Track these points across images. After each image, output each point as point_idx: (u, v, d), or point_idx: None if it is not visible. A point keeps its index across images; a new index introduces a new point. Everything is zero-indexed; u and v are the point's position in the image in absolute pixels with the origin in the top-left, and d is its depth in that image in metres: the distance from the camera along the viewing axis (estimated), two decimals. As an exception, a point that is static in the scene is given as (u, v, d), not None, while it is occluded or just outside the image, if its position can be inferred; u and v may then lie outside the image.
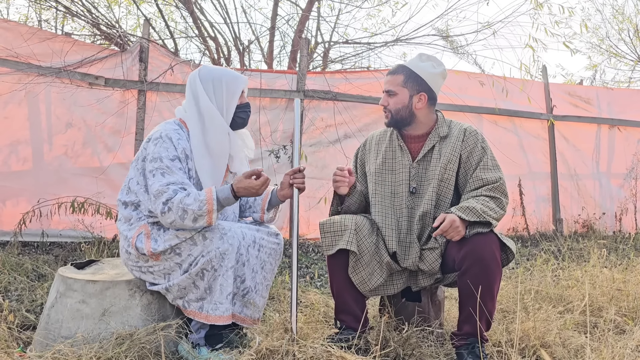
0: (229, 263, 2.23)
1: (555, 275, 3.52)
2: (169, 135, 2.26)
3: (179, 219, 2.16)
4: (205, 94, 2.34)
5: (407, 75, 2.50)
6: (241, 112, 2.42)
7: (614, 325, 2.63)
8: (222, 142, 2.35)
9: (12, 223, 4.28)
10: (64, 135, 4.60)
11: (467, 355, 2.23)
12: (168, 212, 2.15)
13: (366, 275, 2.40)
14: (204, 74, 2.37)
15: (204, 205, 2.15)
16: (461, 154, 2.47)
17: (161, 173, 2.20)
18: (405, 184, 2.51)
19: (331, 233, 2.41)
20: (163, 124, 2.35)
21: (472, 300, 2.22)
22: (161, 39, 6.37)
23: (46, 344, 2.26)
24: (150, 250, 2.25)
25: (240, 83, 2.39)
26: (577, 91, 6.65)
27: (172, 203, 2.14)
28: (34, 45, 4.36)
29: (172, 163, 2.22)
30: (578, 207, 6.36)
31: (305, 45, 5.26)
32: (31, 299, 3.07)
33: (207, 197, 2.17)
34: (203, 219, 2.17)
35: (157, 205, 2.17)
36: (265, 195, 2.56)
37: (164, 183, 2.18)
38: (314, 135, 5.29)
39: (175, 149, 2.25)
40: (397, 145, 2.57)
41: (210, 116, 2.33)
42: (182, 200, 2.14)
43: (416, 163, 2.52)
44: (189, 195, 2.16)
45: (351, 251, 2.37)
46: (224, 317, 2.23)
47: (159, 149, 2.23)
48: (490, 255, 2.23)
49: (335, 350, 2.03)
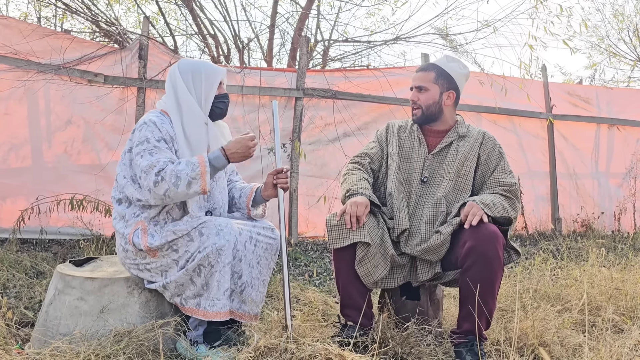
0: (226, 259, 2.23)
1: (554, 274, 3.52)
2: (152, 120, 2.31)
3: (172, 186, 2.17)
4: (184, 85, 2.38)
5: (438, 73, 2.61)
6: (219, 102, 2.45)
7: (612, 325, 2.63)
8: (200, 133, 2.38)
9: (11, 220, 4.28)
10: (63, 132, 4.59)
11: (465, 354, 2.24)
12: (161, 181, 2.18)
13: (371, 267, 2.41)
14: (183, 66, 2.42)
15: (197, 167, 2.19)
16: (479, 154, 2.60)
17: (149, 153, 2.24)
18: (418, 172, 2.62)
19: (338, 227, 2.41)
20: (146, 114, 2.39)
21: (473, 297, 2.22)
22: (161, 37, 6.36)
23: (44, 341, 2.26)
24: (147, 245, 2.25)
25: (219, 74, 2.43)
26: (577, 90, 6.65)
27: (165, 172, 2.18)
28: (33, 42, 4.35)
29: (158, 143, 2.27)
30: (577, 207, 6.37)
31: (305, 44, 5.26)
32: (29, 296, 3.07)
33: (199, 160, 2.22)
34: (197, 183, 2.19)
35: (150, 177, 2.19)
36: (249, 193, 2.59)
37: (154, 159, 2.22)
38: (313, 133, 5.29)
39: (160, 132, 2.29)
40: (416, 137, 2.68)
41: (187, 106, 2.37)
42: (174, 168, 2.19)
43: (431, 155, 2.63)
44: (180, 163, 2.21)
45: (361, 243, 2.39)
46: (221, 313, 2.24)
47: (144, 133, 2.27)
48: (493, 253, 2.23)
49: (334, 348, 2.03)
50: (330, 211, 5.12)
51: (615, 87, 7.82)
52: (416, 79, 2.64)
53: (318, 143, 5.31)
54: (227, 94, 2.50)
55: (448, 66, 2.62)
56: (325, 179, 5.24)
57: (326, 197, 5.08)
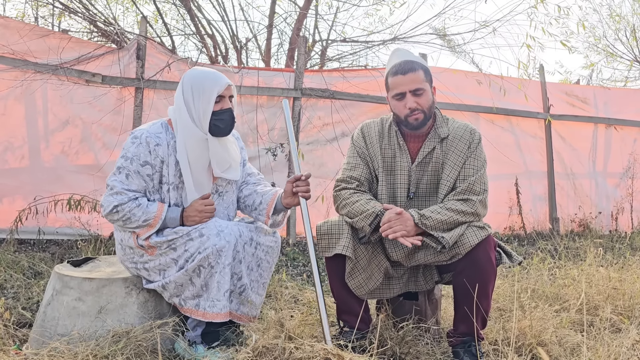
0: (226, 260, 2.23)
1: (552, 274, 3.53)
2: (147, 139, 2.27)
3: (121, 221, 2.27)
4: (182, 98, 2.31)
5: (424, 69, 2.35)
6: (218, 119, 2.29)
7: (609, 324, 2.64)
8: (198, 148, 2.30)
9: (9, 220, 4.26)
10: (61, 132, 4.58)
11: (463, 354, 2.24)
12: (115, 213, 2.25)
13: (363, 280, 2.36)
14: (187, 77, 2.34)
15: (150, 220, 2.25)
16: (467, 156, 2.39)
17: (126, 174, 2.27)
18: (404, 187, 2.42)
19: (328, 236, 2.37)
20: (150, 124, 2.35)
21: (467, 299, 2.22)
22: (159, 37, 6.35)
23: (42, 342, 2.25)
24: (147, 241, 2.26)
25: (215, 88, 2.29)
26: (574, 90, 6.67)
27: (123, 208, 2.24)
28: (30, 42, 4.34)
29: (141, 168, 2.27)
30: (574, 206, 6.37)
31: (303, 44, 5.25)
32: (27, 297, 3.06)
33: (156, 213, 2.26)
34: (142, 228, 2.27)
35: (109, 203, 2.25)
36: (271, 201, 2.45)
37: (124, 187, 2.25)
38: (311, 133, 5.28)
39: (149, 154, 2.27)
40: (395, 143, 2.44)
41: (183, 123, 2.30)
42: (131, 210, 2.24)
43: (415, 166, 2.41)
44: (139, 205, 2.25)
45: (347, 256, 2.33)
46: (221, 315, 2.23)
47: (133, 150, 2.27)
48: (484, 255, 2.23)
49: (332, 348, 2.02)
50: (329, 211, 5.12)
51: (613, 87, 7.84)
52: (407, 82, 2.31)
53: (316, 143, 5.31)
54: (229, 109, 2.33)
55: (420, 59, 2.41)
56: (324, 179, 5.24)
57: (324, 197, 5.08)
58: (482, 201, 2.33)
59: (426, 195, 2.43)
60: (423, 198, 2.44)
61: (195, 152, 2.30)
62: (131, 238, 2.30)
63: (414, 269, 2.51)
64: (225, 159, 2.37)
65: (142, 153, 2.26)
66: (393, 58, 2.43)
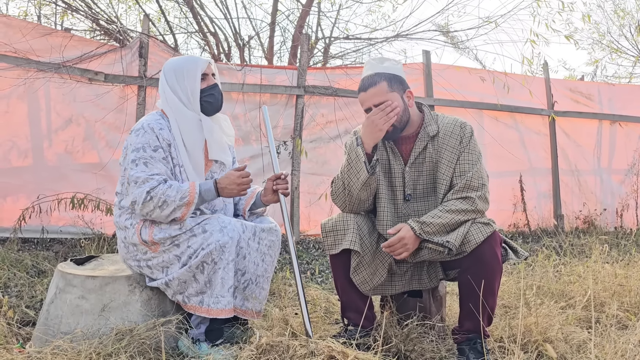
0: (230, 256, 2.22)
1: (557, 270, 3.51)
2: (150, 125, 2.29)
3: (158, 208, 2.19)
4: (167, 86, 2.35)
5: (388, 79, 2.32)
6: (207, 95, 2.36)
7: (616, 321, 2.62)
8: (192, 132, 2.35)
9: (12, 219, 4.27)
10: (64, 131, 4.58)
11: (468, 351, 2.22)
12: (149, 201, 2.18)
13: (368, 275, 2.36)
14: (166, 66, 2.39)
15: (186, 197, 2.19)
16: (460, 151, 2.36)
17: (144, 162, 2.23)
18: (400, 190, 2.42)
19: (333, 233, 2.37)
20: (146, 117, 2.38)
21: (473, 297, 2.20)
22: (161, 35, 6.34)
23: (45, 340, 2.25)
24: (151, 237, 2.24)
25: (199, 66, 2.35)
26: (579, 87, 6.63)
27: (155, 193, 2.18)
28: (33, 40, 4.33)
29: (154, 153, 2.25)
30: (579, 203, 6.34)
31: (306, 41, 5.24)
32: (31, 295, 3.06)
33: (190, 189, 2.20)
34: (180, 210, 2.20)
35: (140, 193, 2.19)
36: (248, 198, 2.54)
37: (148, 173, 2.21)
38: (314, 131, 5.27)
39: (157, 139, 2.27)
40: (388, 147, 2.44)
41: (175, 107, 2.34)
42: (164, 192, 2.18)
43: (408, 167, 2.41)
44: (171, 186, 2.20)
45: (354, 251, 2.33)
46: (225, 311, 2.22)
47: (140, 139, 2.26)
48: (490, 252, 2.21)
49: (337, 345, 2.01)
50: (332, 209, 5.10)
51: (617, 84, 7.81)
52: (369, 98, 2.31)
53: (319, 141, 5.30)
54: (216, 85, 2.40)
55: (388, 68, 2.36)
56: (327, 177, 5.22)
57: (327, 195, 5.07)
58: (482, 196, 2.29)
59: (424, 195, 2.42)
60: (422, 199, 2.43)
61: (191, 135, 2.34)
62: (135, 234, 2.29)
63: (418, 267, 2.50)
64: (221, 138, 2.42)
65: (150, 139, 2.26)
66: (363, 73, 2.42)
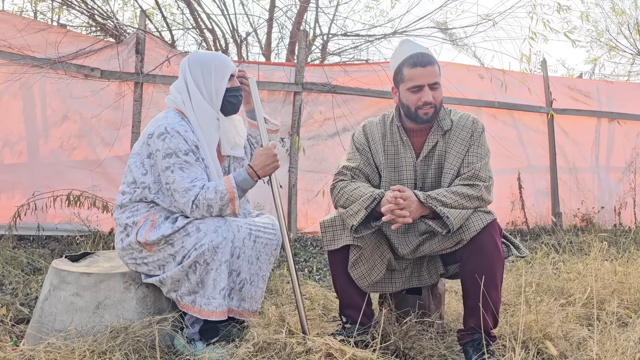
0: (223, 257, 2.19)
1: (556, 268, 3.49)
2: (175, 128, 2.22)
3: (206, 213, 2.20)
4: (191, 77, 2.32)
5: (437, 64, 2.31)
6: (231, 96, 2.37)
7: (616, 318, 2.60)
8: (210, 129, 2.32)
9: (7, 216, 4.23)
10: (60, 127, 4.54)
11: (472, 352, 2.17)
12: (196, 209, 2.19)
13: (366, 270, 2.34)
14: (192, 59, 2.35)
15: (225, 196, 2.19)
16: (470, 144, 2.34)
17: (180, 168, 2.19)
18: (410, 183, 2.37)
19: (332, 228, 2.34)
20: (163, 117, 2.29)
21: (475, 290, 2.15)
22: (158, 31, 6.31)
23: (39, 338, 2.22)
24: (145, 238, 2.20)
25: (230, 66, 2.37)
26: (577, 84, 6.61)
27: (199, 201, 2.18)
28: (28, 36, 4.30)
29: (187, 157, 2.21)
30: (577, 201, 6.33)
31: (304, 38, 5.21)
32: (25, 293, 3.03)
33: (227, 187, 2.19)
34: (227, 208, 2.22)
35: (186, 203, 2.18)
36: None
37: (188, 180, 2.18)
38: (312, 128, 5.24)
39: (187, 143, 2.22)
40: (398, 139, 2.39)
41: (197, 102, 2.31)
42: (205, 197, 2.17)
43: (420, 161, 2.37)
44: (208, 189, 2.18)
45: (353, 246, 2.30)
46: (217, 313, 2.19)
47: (169, 144, 2.20)
48: (490, 240, 2.18)
49: (334, 342, 1.99)
50: (330, 207, 5.08)
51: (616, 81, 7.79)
52: (430, 75, 2.26)
53: (317, 138, 5.27)
54: (239, 87, 2.42)
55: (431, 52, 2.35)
56: (325, 174, 5.20)
57: (324, 191, 5.04)
58: (488, 187, 2.28)
59: (432, 188, 2.38)
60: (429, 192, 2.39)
61: (209, 132, 2.32)
62: (132, 234, 2.26)
63: (418, 263, 2.47)
64: (235, 137, 2.43)
65: (179, 144, 2.21)
66: (406, 49, 2.36)
